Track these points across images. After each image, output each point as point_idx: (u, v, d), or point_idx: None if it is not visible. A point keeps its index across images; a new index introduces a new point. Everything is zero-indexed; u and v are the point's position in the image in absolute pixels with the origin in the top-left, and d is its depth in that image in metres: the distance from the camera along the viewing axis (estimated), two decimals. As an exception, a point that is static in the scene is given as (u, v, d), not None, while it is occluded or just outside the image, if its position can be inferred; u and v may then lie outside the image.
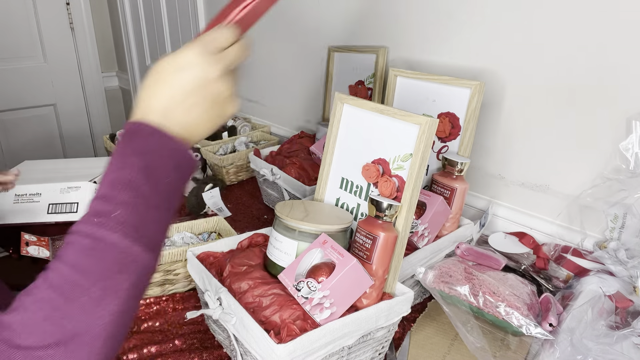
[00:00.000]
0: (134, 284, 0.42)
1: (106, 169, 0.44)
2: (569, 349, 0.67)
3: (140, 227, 0.42)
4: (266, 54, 1.74)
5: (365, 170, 0.80)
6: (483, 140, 1.09)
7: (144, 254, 0.42)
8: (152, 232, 0.44)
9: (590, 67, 0.89)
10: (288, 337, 0.63)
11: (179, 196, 0.47)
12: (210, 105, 0.48)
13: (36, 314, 0.38)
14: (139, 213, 0.42)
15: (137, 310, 0.47)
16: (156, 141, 0.45)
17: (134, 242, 0.41)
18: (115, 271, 0.40)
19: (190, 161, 0.47)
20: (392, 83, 1.10)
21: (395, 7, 1.21)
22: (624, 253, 0.86)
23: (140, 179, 0.43)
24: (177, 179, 0.46)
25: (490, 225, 1.09)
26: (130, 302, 0.42)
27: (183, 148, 0.46)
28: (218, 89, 0.48)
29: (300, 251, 0.73)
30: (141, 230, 0.42)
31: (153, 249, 0.43)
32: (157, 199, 0.44)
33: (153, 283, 0.93)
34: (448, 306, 0.80)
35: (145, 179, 0.43)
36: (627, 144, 0.83)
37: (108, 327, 0.40)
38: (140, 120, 0.46)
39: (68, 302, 0.39)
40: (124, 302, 0.41)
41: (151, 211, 0.43)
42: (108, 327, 0.40)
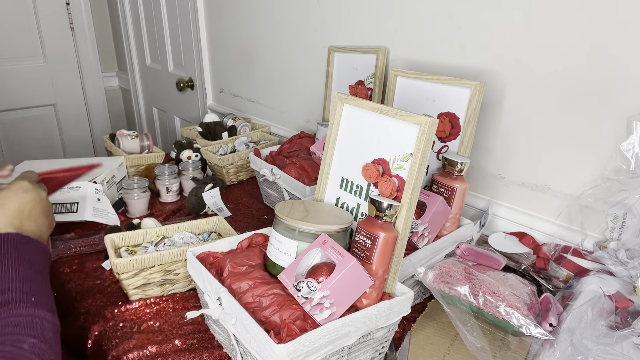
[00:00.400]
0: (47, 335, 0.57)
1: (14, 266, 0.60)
2: (569, 349, 0.67)
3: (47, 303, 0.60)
4: (266, 54, 1.74)
5: (365, 170, 0.80)
6: (483, 140, 1.09)
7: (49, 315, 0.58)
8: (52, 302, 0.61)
9: (590, 67, 0.89)
10: (288, 337, 0.63)
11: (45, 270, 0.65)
12: (46, 215, 0.71)
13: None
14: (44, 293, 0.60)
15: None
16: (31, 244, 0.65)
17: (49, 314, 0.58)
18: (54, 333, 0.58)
19: (46, 250, 0.68)
20: (392, 83, 1.10)
21: (396, 8, 1.21)
22: (624, 253, 0.86)
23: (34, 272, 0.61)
24: (46, 266, 0.66)
25: (490, 225, 1.09)
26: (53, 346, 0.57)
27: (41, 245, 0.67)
28: (48, 204, 0.72)
29: (300, 251, 0.73)
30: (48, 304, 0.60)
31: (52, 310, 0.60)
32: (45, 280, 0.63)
33: (153, 283, 0.93)
34: (448, 306, 0.80)
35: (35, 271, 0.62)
36: (628, 144, 0.83)
37: None
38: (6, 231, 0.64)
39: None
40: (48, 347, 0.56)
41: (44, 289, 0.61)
42: None
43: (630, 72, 0.84)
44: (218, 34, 1.98)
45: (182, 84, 2.24)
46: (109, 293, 0.96)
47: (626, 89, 0.85)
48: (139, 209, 1.28)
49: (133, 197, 1.26)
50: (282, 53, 1.66)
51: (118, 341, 0.82)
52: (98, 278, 1.00)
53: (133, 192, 1.26)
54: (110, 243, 0.96)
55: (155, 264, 0.91)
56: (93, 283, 0.99)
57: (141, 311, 0.90)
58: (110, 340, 0.83)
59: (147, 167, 1.48)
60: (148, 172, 1.46)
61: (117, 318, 0.88)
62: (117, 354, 0.79)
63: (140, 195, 1.27)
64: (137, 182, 1.28)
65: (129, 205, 1.27)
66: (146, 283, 0.92)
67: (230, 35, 1.91)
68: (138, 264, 0.89)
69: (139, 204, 1.27)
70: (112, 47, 2.94)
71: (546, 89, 0.96)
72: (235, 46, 1.90)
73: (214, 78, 2.12)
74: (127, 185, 1.27)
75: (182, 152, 1.53)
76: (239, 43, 1.87)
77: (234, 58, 1.93)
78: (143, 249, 1.00)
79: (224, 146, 1.53)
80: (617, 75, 0.86)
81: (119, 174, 1.33)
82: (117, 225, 1.13)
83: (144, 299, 0.92)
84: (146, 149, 1.54)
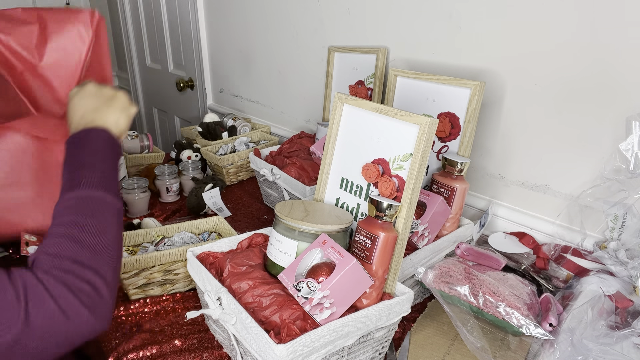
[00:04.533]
0: (116, 216, 0.61)
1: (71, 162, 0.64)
2: (569, 349, 0.67)
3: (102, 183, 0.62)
4: (266, 54, 1.74)
5: (365, 170, 0.80)
6: (483, 140, 1.09)
7: (111, 197, 0.62)
8: (109, 184, 0.63)
9: (590, 67, 0.89)
10: (288, 337, 0.63)
11: (115, 163, 0.68)
12: (108, 100, 0.72)
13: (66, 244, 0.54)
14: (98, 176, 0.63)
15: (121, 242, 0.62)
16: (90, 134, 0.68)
17: (104, 193, 0.61)
18: (101, 210, 0.59)
19: (115, 140, 0.69)
20: (392, 83, 1.10)
21: (396, 8, 1.21)
22: (624, 253, 0.86)
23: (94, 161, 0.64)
24: (112, 154, 0.68)
25: (490, 225, 1.09)
26: (119, 228, 0.61)
27: (108, 134, 0.68)
28: (103, 92, 0.73)
29: (300, 251, 0.73)
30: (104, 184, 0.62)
31: (115, 193, 0.63)
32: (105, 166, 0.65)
33: (153, 283, 0.93)
34: (448, 306, 0.80)
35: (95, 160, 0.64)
36: (627, 144, 0.83)
37: (116, 241, 0.59)
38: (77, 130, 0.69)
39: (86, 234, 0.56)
40: (117, 227, 0.60)
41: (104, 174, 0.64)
42: (116, 241, 0.59)
43: (629, 72, 0.84)
44: (218, 34, 1.98)
45: (182, 84, 2.24)
46: (109, 293, 0.96)
47: (625, 89, 0.85)
48: (139, 209, 1.28)
49: (133, 197, 1.26)
50: (282, 53, 1.66)
51: (118, 341, 0.82)
52: (98, 278, 1.00)
53: (133, 192, 1.26)
54: (111, 243, 0.96)
55: (155, 264, 0.91)
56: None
57: (141, 311, 0.90)
58: (110, 340, 0.83)
59: (147, 167, 1.48)
60: (148, 172, 1.46)
61: (117, 318, 0.88)
62: (118, 354, 0.79)
63: (140, 195, 1.27)
64: (137, 182, 1.28)
65: (129, 205, 1.27)
66: (146, 283, 0.92)
67: (230, 35, 1.91)
68: (138, 263, 0.89)
69: (139, 204, 1.27)
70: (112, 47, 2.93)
71: (546, 89, 0.96)
72: (235, 46, 1.90)
73: (214, 78, 2.12)
74: (127, 185, 1.27)
75: (182, 152, 1.53)
76: (239, 43, 1.87)
77: (234, 58, 1.93)
78: (143, 249, 1.00)
79: (224, 146, 1.53)
80: (617, 75, 0.86)
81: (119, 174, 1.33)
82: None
83: (144, 298, 0.92)
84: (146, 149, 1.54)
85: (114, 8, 2.70)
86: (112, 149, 0.68)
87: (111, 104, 0.72)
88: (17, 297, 0.47)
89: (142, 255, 0.89)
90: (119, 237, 0.60)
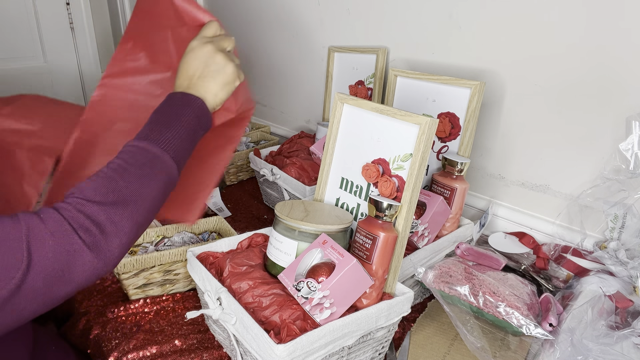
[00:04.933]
0: (164, 180, 0.61)
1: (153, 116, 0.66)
2: (569, 349, 0.67)
3: (168, 144, 0.63)
4: (266, 54, 1.74)
5: (365, 170, 0.80)
6: (483, 140, 1.09)
7: (170, 161, 0.62)
8: (175, 148, 0.64)
9: (590, 67, 0.89)
10: (288, 337, 0.63)
11: (195, 136, 0.68)
12: (215, 71, 0.71)
13: (98, 182, 0.55)
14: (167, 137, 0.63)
15: (161, 205, 0.62)
16: (184, 99, 0.69)
17: (164, 152, 0.62)
18: (151, 165, 0.60)
19: (206, 112, 0.70)
20: (392, 83, 1.10)
21: (396, 8, 1.21)
22: (624, 253, 0.86)
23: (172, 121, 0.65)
24: (196, 124, 0.68)
25: (490, 225, 1.09)
26: (160, 191, 0.60)
27: (201, 104, 0.69)
28: (215, 60, 0.71)
29: (300, 251, 0.73)
30: (169, 146, 0.63)
31: (177, 160, 0.63)
32: (182, 132, 0.65)
33: (153, 283, 0.93)
34: (448, 306, 0.80)
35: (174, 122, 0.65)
36: (627, 144, 0.83)
37: (150, 200, 0.59)
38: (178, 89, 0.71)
39: (122, 179, 0.56)
40: (158, 188, 0.60)
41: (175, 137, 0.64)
42: (150, 200, 0.59)
43: (629, 72, 0.84)
44: (218, 34, 1.98)
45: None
46: (109, 293, 0.96)
47: (625, 90, 0.85)
48: (139, 209, 1.28)
49: (133, 197, 1.26)
50: (282, 53, 1.66)
51: (118, 341, 0.82)
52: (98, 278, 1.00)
53: (133, 192, 1.26)
54: (110, 243, 0.96)
55: (155, 264, 0.91)
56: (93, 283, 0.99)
57: (141, 311, 0.90)
58: (110, 340, 0.83)
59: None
60: (148, 172, 1.45)
61: (117, 318, 0.88)
62: (118, 354, 0.79)
63: (140, 195, 1.27)
64: (137, 182, 1.27)
65: (129, 205, 1.27)
66: (146, 283, 0.92)
67: (230, 35, 1.91)
68: (138, 264, 0.89)
69: (139, 204, 1.27)
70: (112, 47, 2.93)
71: (546, 89, 0.96)
72: (235, 46, 1.90)
73: (214, 78, 2.12)
74: (127, 185, 1.27)
75: (182, 152, 1.53)
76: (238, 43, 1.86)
77: (234, 58, 1.93)
78: (143, 249, 1.00)
79: (224, 146, 1.53)
80: (617, 76, 0.86)
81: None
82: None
83: (144, 298, 0.92)
84: (146, 149, 1.54)
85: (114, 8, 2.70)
86: (198, 119, 0.68)
87: (216, 76, 0.71)
88: (20, 239, 0.48)
89: (142, 255, 0.89)
90: (157, 197, 0.60)
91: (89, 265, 0.52)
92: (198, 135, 0.69)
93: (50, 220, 0.51)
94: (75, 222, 0.51)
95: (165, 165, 0.62)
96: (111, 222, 0.54)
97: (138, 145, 0.61)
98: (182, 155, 0.65)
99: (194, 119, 0.67)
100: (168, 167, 0.62)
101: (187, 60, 0.71)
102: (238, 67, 0.74)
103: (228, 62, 0.72)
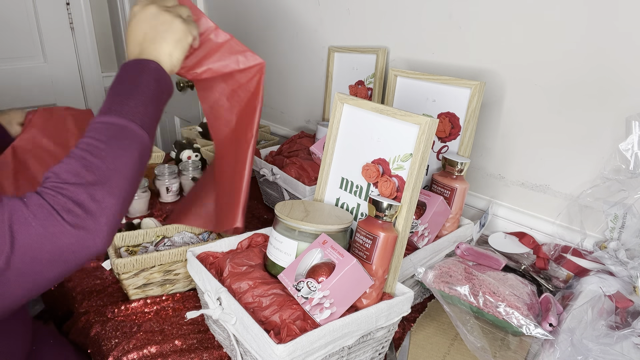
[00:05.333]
0: (137, 149, 0.60)
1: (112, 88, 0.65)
2: (569, 349, 0.67)
3: (132, 114, 0.61)
4: (266, 54, 1.74)
5: (365, 170, 0.80)
6: (483, 140, 1.09)
7: (139, 129, 0.61)
8: (141, 117, 0.62)
9: (590, 67, 0.89)
10: (288, 337, 0.63)
11: (159, 101, 0.68)
12: (164, 31, 0.69)
13: (71, 164, 0.55)
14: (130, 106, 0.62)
15: (141, 174, 0.62)
16: (138, 65, 0.67)
17: (130, 122, 0.60)
18: (121, 138, 0.59)
19: (164, 74, 0.69)
20: (392, 83, 1.10)
21: (396, 8, 1.21)
22: (624, 253, 0.86)
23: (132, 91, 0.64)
24: (157, 88, 0.67)
25: (490, 225, 1.09)
26: (136, 161, 0.60)
27: (157, 66, 0.68)
28: (160, 20, 0.69)
29: (300, 251, 0.73)
30: (134, 116, 0.62)
31: (145, 128, 0.62)
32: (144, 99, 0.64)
33: (153, 283, 0.93)
34: (448, 306, 0.80)
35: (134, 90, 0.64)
36: (627, 144, 0.83)
37: (127, 172, 0.58)
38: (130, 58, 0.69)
39: (94, 157, 0.56)
40: (133, 158, 0.59)
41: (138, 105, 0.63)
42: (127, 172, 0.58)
43: (629, 72, 0.84)
44: (218, 34, 1.98)
45: (182, 84, 2.24)
46: (109, 293, 0.96)
47: (625, 90, 0.85)
48: (139, 209, 1.28)
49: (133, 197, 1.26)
50: (282, 53, 1.66)
51: (118, 341, 0.82)
52: (98, 278, 1.00)
53: (133, 192, 1.26)
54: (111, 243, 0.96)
55: (155, 264, 0.91)
56: (93, 283, 0.99)
57: (141, 311, 0.90)
58: (110, 340, 0.83)
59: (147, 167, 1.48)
60: (148, 172, 1.46)
61: (117, 318, 0.88)
62: (117, 354, 0.79)
63: (140, 195, 1.27)
64: (137, 182, 1.28)
65: (129, 205, 1.27)
66: (146, 283, 0.92)
67: (230, 35, 1.90)
68: (138, 264, 0.89)
69: (139, 204, 1.27)
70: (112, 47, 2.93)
71: (546, 89, 0.96)
72: (235, 46, 1.90)
73: (214, 78, 2.12)
74: (127, 185, 1.27)
75: (182, 152, 1.53)
76: (239, 43, 1.87)
77: (234, 58, 1.93)
78: (143, 249, 1.00)
79: (224, 146, 1.53)
80: (616, 76, 0.86)
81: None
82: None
83: (144, 298, 0.92)
84: (146, 149, 1.54)
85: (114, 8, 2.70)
86: (157, 82, 0.67)
87: (166, 36, 0.69)
88: (2, 221, 0.48)
89: (142, 255, 0.89)
90: (134, 168, 0.60)
91: (77, 245, 0.52)
92: (162, 99, 0.68)
93: (33, 203, 0.51)
94: (57, 205, 0.51)
95: (135, 134, 0.61)
96: (93, 200, 0.53)
97: (102, 120, 0.60)
98: (150, 122, 0.64)
99: (153, 83, 0.66)
100: (138, 136, 0.61)
101: (132, 26, 0.70)
102: (188, 22, 0.72)
103: (174, 19, 0.70)
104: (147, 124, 0.63)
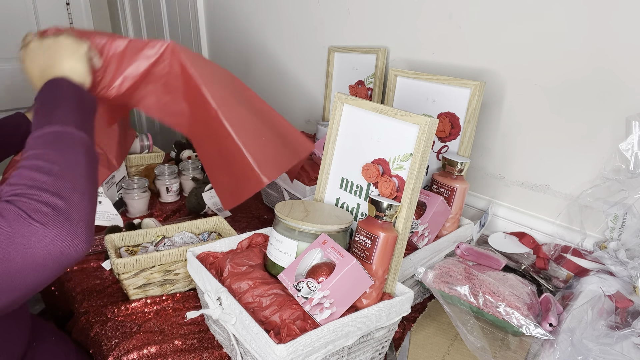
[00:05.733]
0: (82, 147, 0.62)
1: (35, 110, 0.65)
2: (569, 349, 0.67)
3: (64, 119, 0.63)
4: (266, 54, 1.74)
5: (365, 170, 0.80)
6: (483, 140, 1.09)
7: (76, 131, 0.62)
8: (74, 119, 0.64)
9: (590, 67, 0.89)
10: (288, 337, 0.63)
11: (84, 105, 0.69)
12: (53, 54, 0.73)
13: (25, 173, 0.55)
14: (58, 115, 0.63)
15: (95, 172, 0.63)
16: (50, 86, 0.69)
17: (65, 126, 0.62)
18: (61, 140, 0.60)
19: (77, 85, 0.71)
20: (392, 83, 1.10)
21: (396, 8, 1.21)
22: (624, 253, 0.86)
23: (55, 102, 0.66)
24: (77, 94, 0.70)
25: (490, 225, 1.09)
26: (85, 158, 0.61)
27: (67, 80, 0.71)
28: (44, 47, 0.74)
29: (300, 251, 0.73)
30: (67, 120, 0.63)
31: (82, 129, 0.63)
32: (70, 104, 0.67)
33: (153, 283, 0.93)
34: (448, 306, 0.80)
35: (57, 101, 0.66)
36: (627, 144, 0.83)
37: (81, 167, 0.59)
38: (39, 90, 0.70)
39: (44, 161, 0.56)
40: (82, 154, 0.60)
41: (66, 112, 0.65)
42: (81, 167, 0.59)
43: (629, 72, 0.84)
44: (218, 34, 1.98)
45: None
46: (109, 293, 0.96)
47: (625, 90, 0.85)
48: (139, 209, 1.28)
49: (133, 197, 1.26)
50: (282, 53, 1.66)
51: (118, 341, 0.82)
52: (98, 278, 1.00)
53: (133, 192, 1.26)
54: (111, 243, 0.96)
55: (155, 264, 0.91)
56: (93, 283, 0.99)
57: (141, 311, 0.90)
58: (110, 340, 0.83)
59: (147, 167, 1.48)
60: (148, 172, 1.46)
61: (117, 318, 0.88)
62: (117, 354, 0.79)
63: (140, 195, 1.27)
64: (137, 182, 1.28)
65: (129, 205, 1.27)
66: (146, 283, 0.92)
67: (230, 35, 1.91)
68: (138, 264, 0.89)
69: (139, 204, 1.27)
70: (112, 47, 2.93)
71: (546, 89, 0.96)
72: (235, 46, 1.90)
73: (214, 78, 2.12)
74: (127, 185, 1.27)
75: (182, 152, 1.53)
76: (238, 43, 1.87)
77: (234, 58, 1.93)
78: (143, 249, 1.00)
79: (224, 146, 1.53)
80: (616, 76, 0.86)
81: (118, 174, 1.33)
82: (118, 225, 1.13)
83: (144, 298, 0.92)
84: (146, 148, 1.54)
85: (114, 8, 2.70)
86: (75, 90, 0.69)
87: (59, 55, 0.72)
88: None
89: (142, 255, 0.89)
90: (85, 165, 0.60)
91: (52, 247, 0.50)
92: (86, 108, 0.69)
93: (1, 208, 0.50)
94: (24, 206, 0.51)
95: (73, 135, 0.62)
96: (59, 197, 0.53)
97: (37, 134, 0.61)
98: (84, 124, 0.65)
99: (72, 93, 0.68)
100: (77, 136, 0.62)
101: (27, 69, 0.74)
102: (71, 34, 0.75)
103: (56, 38, 0.73)
104: (81, 125, 0.64)
